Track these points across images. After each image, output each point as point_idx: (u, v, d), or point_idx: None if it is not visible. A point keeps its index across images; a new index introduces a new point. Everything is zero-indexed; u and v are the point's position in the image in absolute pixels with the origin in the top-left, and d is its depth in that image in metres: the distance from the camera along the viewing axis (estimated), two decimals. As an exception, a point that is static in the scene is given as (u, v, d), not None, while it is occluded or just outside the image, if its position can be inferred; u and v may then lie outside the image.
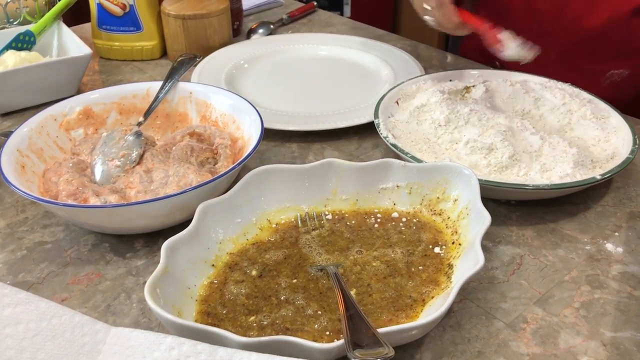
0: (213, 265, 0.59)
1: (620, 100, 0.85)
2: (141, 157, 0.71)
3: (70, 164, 0.69)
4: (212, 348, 0.43)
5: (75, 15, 1.14)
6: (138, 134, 0.72)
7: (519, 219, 0.68)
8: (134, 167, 0.69)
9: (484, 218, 0.57)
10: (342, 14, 2.77)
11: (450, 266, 0.58)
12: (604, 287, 0.59)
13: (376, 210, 0.66)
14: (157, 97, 0.79)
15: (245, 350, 0.44)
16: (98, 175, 0.68)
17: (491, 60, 1.09)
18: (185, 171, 0.66)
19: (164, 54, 1.11)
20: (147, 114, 0.78)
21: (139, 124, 0.76)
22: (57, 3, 1.02)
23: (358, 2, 2.80)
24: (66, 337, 0.43)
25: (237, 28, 1.19)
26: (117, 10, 1.04)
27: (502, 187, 0.66)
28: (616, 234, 0.66)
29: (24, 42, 0.97)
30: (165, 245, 0.54)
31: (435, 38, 2.47)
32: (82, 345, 0.43)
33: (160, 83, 0.81)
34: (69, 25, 1.02)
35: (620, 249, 0.64)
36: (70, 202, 0.63)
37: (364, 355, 0.43)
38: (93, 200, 0.63)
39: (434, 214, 0.64)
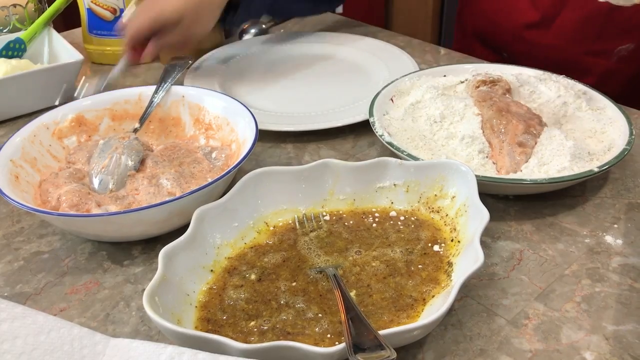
0: (212, 270, 0.59)
1: (629, 75, 0.89)
2: (141, 163, 0.70)
3: (67, 174, 0.69)
4: (213, 357, 0.42)
5: (65, 21, 1.13)
6: (136, 141, 0.72)
7: (518, 214, 0.68)
8: (134, 174, 0.69)
9: (482, 214, 0.56)
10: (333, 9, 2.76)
11: (450, 264, 0.58)
12: (605, 280, 0.59)
13: (374, 210, 0.66)
14: (151, 102, 0.79)
15: (246, 358, 0.43)
16: (97, 184, 0.68)
17: (497, 51, 1.10)
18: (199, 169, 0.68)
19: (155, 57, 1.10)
20: (143, 119, 0.77)
21: (135, 130, 0.75)
22: (46, 9, 1.02)
23: (350, -3, 2.79)
24: (65, 350, 0.43)
25: (229, 29, 1.18)
26: (108, 15, 1.04)
27: (500, 183, 0.65)
28: (615, 225, 0.66)
29: (14, 50, 0.97)
30: (162, 252, 0.54)
31: (429, 32, 2.46)
32: (82, 358, 0.43)
33: (151, 87, 0.80)
34: (60, 31, 1.01)
35: (619, 241, 0.64)
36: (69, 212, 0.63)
37: (366, 359, 0.43)
38: (95, 211, 0.62)
39: (432, 211, 0.64)
